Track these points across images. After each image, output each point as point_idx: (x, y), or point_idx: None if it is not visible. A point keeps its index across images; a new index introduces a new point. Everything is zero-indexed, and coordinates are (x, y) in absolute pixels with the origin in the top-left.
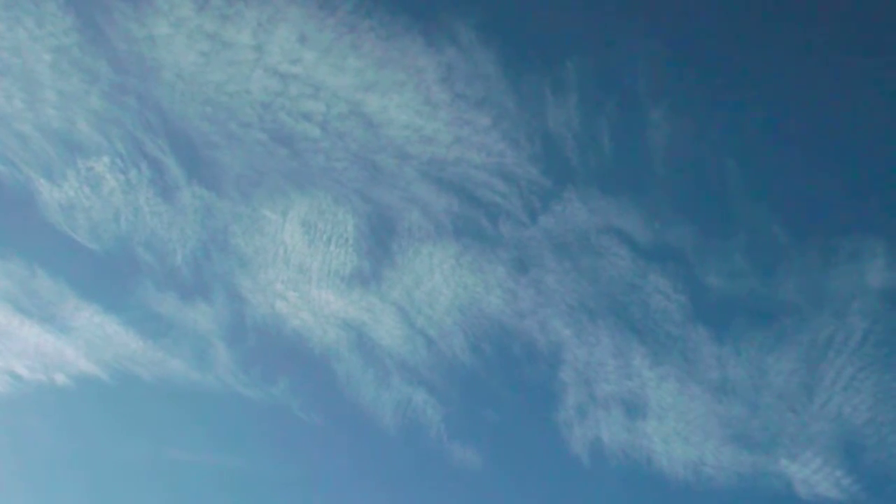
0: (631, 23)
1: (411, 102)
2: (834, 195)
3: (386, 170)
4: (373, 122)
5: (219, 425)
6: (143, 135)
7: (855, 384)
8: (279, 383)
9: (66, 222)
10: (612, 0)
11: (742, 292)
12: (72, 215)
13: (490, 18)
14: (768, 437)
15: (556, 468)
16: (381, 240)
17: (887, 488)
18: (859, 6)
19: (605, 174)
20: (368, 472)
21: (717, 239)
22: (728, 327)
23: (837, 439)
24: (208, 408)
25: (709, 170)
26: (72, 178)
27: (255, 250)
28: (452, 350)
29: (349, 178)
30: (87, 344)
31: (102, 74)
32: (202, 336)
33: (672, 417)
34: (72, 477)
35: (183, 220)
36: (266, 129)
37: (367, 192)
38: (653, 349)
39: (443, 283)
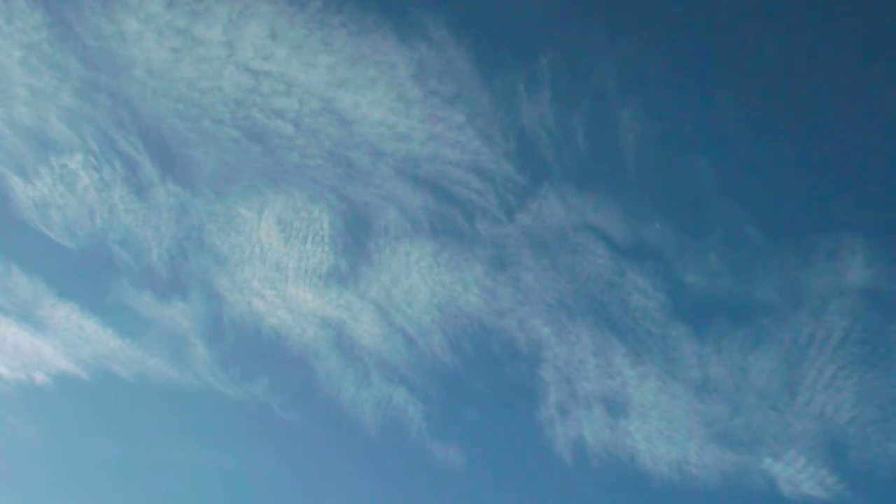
0: (604, 20)
1: (384, 99)
2: (812, 193)
3: (360, 167)
4: (346, 118)
5: (198, 424)
6: (116, 132)
7: (837, 383)
8: (258, 381)
9: (41, 220)
10: None
11: (721, 291)
12: (46, 213)
13: (461, 14)
14: (751, 436)
15: (539, 466)
16: (357, 237)
17: (871, 486)
18: (833, 6)
19: (581, 171)
20: (350, 470)
21: (695, 237)
22: (708, 326)
23: (821, 438)
24: (188, 406)
25: (685, 167)
26: (45, 176)
27: (231, 248)
28: (432, 348)
29: (324, 176)
30: (64, 342)
31: (73, 71)
32: (180, 334)
33: (654, 416)
34: (51, 475)
35: (158, 217)
36: (239, 127)
37: (343, 189)
38: (633, 348)
39: (420, 281)
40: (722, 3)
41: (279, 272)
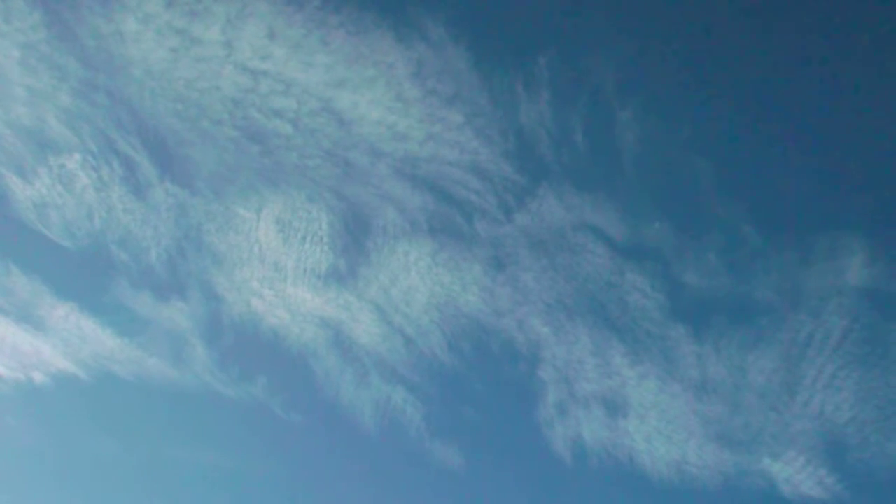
0: (603, 19)
1: (383, 99)
2: (811, 193)
3: (359, 167)
4: (344, 118)
5: (197, 424)
6: (115, 132)
7: (836, 382)
8: (258, 381)
9: (39, 220)
10: None
11: (720, 291)
12: (45, 213)
13: (460, 13)
14: (750, 436)
15: (538, 466)
16: (356, 237)
17: (870, 486)
18: (833, 5)
19: (580, 171)
20: (349, 470)
21: (694, 237)
22: (707, 325)
23: (820, 438)
24: (187, 406)
25: (684, 167)
26: (44, 176)
27: (230, 248)
28: (431, 348)
29: (322, 176)
30: (63, 342)
31: (72, 71)
32: (179, 334)
33: (653, 416)
34: (50, 475)
35: (156, 217)
36: (238, 126)
37: (341, 189)
38: (632, 347)
39: (419, 281)
40: (721, 3)
41: (278, 272)
